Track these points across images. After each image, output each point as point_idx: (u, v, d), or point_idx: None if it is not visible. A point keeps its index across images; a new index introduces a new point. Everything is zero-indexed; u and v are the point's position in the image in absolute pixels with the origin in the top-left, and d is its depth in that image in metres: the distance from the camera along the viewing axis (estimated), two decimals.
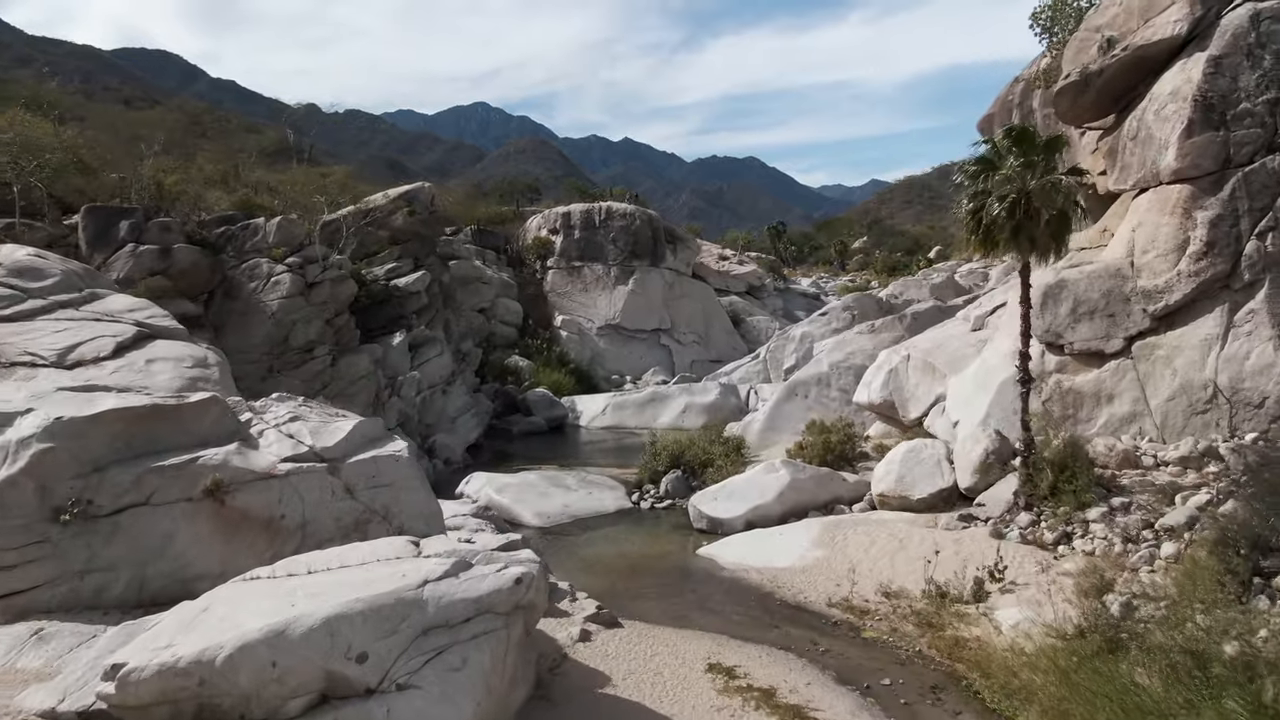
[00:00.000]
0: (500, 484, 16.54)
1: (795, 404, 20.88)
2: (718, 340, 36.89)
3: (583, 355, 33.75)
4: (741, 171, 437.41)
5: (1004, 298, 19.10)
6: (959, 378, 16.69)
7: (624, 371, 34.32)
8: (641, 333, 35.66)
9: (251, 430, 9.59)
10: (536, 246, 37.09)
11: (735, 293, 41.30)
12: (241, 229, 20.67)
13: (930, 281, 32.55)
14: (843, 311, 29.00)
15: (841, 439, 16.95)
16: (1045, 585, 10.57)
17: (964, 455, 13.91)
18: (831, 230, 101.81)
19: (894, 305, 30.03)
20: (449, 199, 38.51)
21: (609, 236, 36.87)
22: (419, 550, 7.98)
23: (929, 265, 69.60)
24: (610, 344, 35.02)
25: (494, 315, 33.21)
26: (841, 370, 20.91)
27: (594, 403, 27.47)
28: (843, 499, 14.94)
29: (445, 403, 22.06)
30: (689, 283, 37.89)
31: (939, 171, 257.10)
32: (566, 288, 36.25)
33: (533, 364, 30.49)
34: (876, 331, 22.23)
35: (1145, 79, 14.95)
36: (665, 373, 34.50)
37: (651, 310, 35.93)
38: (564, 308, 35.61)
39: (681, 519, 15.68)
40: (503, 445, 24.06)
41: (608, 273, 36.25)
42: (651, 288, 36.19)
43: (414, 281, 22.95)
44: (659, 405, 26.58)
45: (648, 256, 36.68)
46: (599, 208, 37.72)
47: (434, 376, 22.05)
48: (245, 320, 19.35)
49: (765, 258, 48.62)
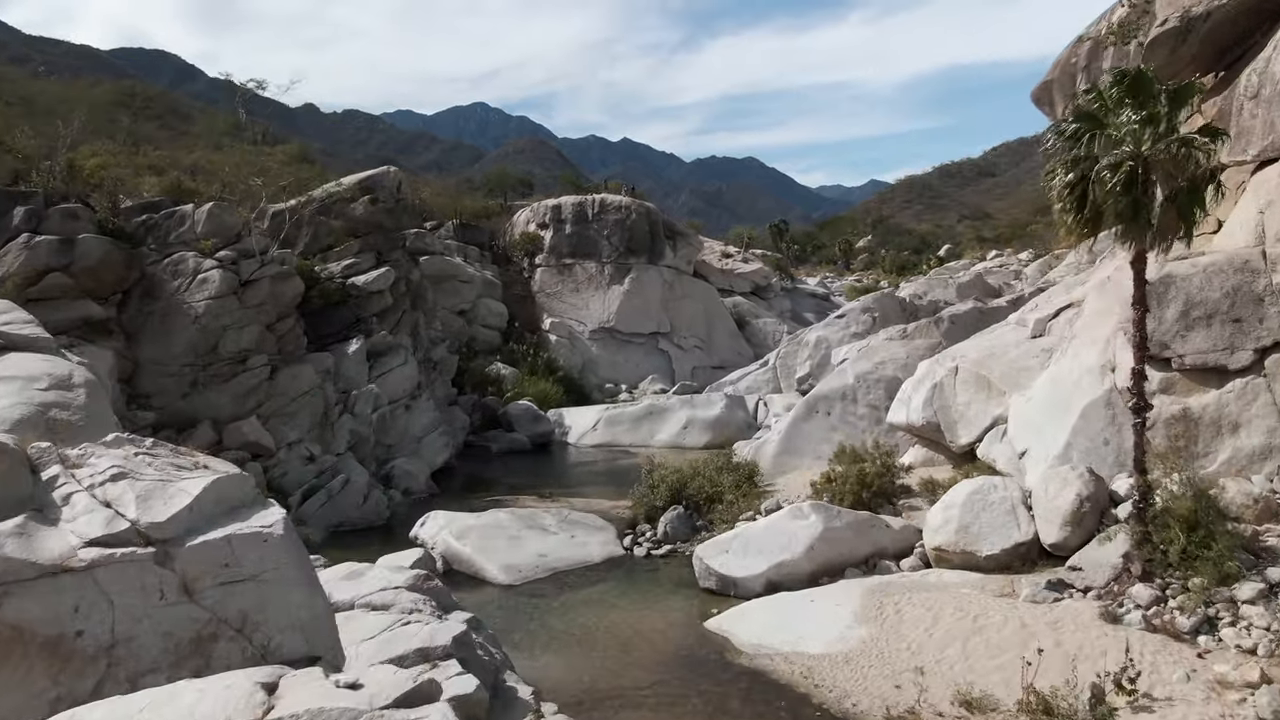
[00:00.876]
0: (462, 527, 13.48)
1: (816, 423, 17.84)
2: (721, 345, 33.84)
3: (573, 362, 30.69)
4: (740, 172, 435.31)
5: (1067, 297, 16.07)
6: (1023, 396, 13.65)
7: (619, 380, 31.27)
8: (638, 337, 32.62)
9: (56, 493, 6.55)
10: (524, 242, 34.04)
11: (739, 293, 38.27)
12: (166, 218, 17.61)
13: (956, 280, 29.55)
14: (862, 314, 26.00)
15: (879, 471, 13.89)
16: (1199, 702, 7.54)
17: (1047, 500, 10.87)
18: (834, 229, 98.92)
19: (918, 307, 27.03)
20: (428, 191, 35.43)
21: (603, 231, 33.81)
22: (269, 702, 4.98)
23: (939, 264, 66.56)
24: (604, 349, 31.97)
25: (475, 318, 30.15)
26: (870, 383, 17.86)
27: (584, 417, 24.40)
28: (887, 551, 11.90)
29: (409, 420, 19.00)
30: (690, 282, 34.84)
31: (939, 171, 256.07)
32: (556, 287, 33.20)
33: (517, 372, 27.43)
34: (909, 338, 19.20)
35: (1264, 24, 11.95)
36: (664, 381, 31.46)
37: (649, 312, 32.87)
38: (553, 309, 32.56)
39: (684, 572, 12.64)
40: (478, 468, 21.00)
41: (601, 271, 33.20)
42: (649, 287, 33.14)
43: (375, 279, 19.90)
44: (657, 420, 23.53)
45: (645, 253, 33.62)
46: (592, 200, 34.67)
47: (396, 389, 18.99)
48: (166, 325, 16.28)
49: (772, 256, 45.58)
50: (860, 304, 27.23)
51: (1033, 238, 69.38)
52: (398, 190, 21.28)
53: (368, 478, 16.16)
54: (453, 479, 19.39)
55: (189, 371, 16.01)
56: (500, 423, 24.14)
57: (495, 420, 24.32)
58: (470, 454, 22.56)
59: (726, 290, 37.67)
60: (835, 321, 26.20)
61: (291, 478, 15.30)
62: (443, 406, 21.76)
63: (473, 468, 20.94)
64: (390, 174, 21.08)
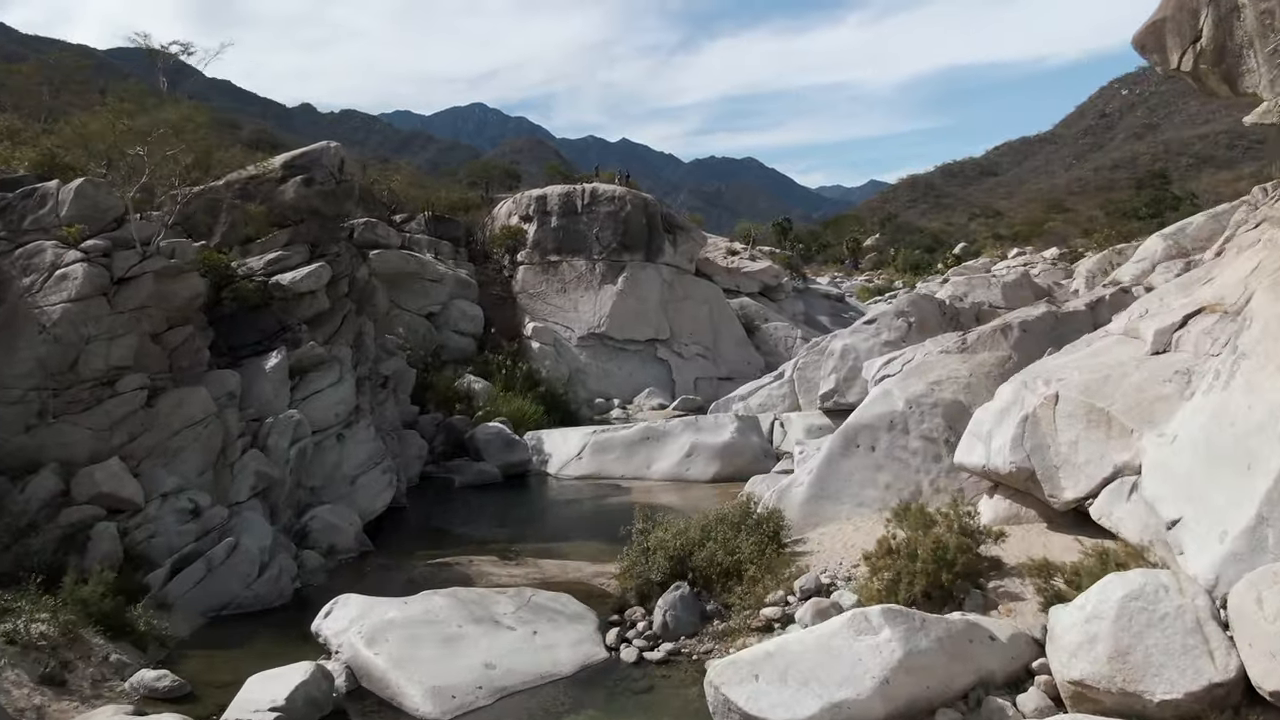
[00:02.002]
0: (378, 623, 9.57)
1: (856, 460, 13.95)
2: (728, 352, 29.97)
3: (558, 373, 26.79)
4: (740, 172, 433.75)
5: (1189, 299, 12.21)
6: (1164, 438, 9.78)
7: (611, 393, 27.40)
8: (633, 344, 28.74)
9: None
10: (504, 237, 30.16)
11: (747, 294, 34.41)
12: (23, 198, 13.72)
13: (1001, 280, 25.65)
14: (895, 319, 22.12)
15: (960, 541, 9.99)
16: None
17: (1259, 618, 7.01)
18: (839, 228, 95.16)
19: (960, 310, 23.16)
20: (399, 180, 31.51)
21: (593, 225, 29.93)
22: None
23: (956, 262, 62.69)
24: (594, 358, 28.09)
25: (445, 322, 26.28)
26: (924, 410, 13.97)
27: (567, 442, 20.50)
28: (994, 678, 8.03)
29: (341, 454, 15.09)
30: (692, 282, 30.97)
31: (942, 170, 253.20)
32: (540, 287, 29.30)
33: (490, 386, 23.53)
34: (969, 350, 15.30)
35: None
36: (663, 394, 27.60)
37: (646, 315, 29.00)
38: (537, 312, 28.68)
39: (691, 694, 8.79)
40: (433, 509, 17.12)
41: (592, 269, 29.31)
42: (646, 288, 29.27)
43: (305, 278, 16.00)
44: (654, 446, 19.65)
45: (641, 249, 29.75)
46: (581, 190, 30.79)
47: (326, 415, 15.09)
48: (8, 336, 12.39)
49: (781, 253, 41.68)
50: (894, 307, 23.27)
51: (1052, 235, 65.59)
52: (339, 170, 17.40)
53: (272, 538, 12.24)
54: (398, 528, 15.48)
55: (35, 397, 12.11)
56: (467, 449, 20.26)
57: (462, 446, 20.44)
58: (428, 489, 18.70)
59: (732, 291, 33.83)
60: (864, 328, 22.31)
61: (161, 541, 11.39)
62: (392, 432, 17.87)
63: (427, 509, 17.04)
64: (330, 150, 17.20)
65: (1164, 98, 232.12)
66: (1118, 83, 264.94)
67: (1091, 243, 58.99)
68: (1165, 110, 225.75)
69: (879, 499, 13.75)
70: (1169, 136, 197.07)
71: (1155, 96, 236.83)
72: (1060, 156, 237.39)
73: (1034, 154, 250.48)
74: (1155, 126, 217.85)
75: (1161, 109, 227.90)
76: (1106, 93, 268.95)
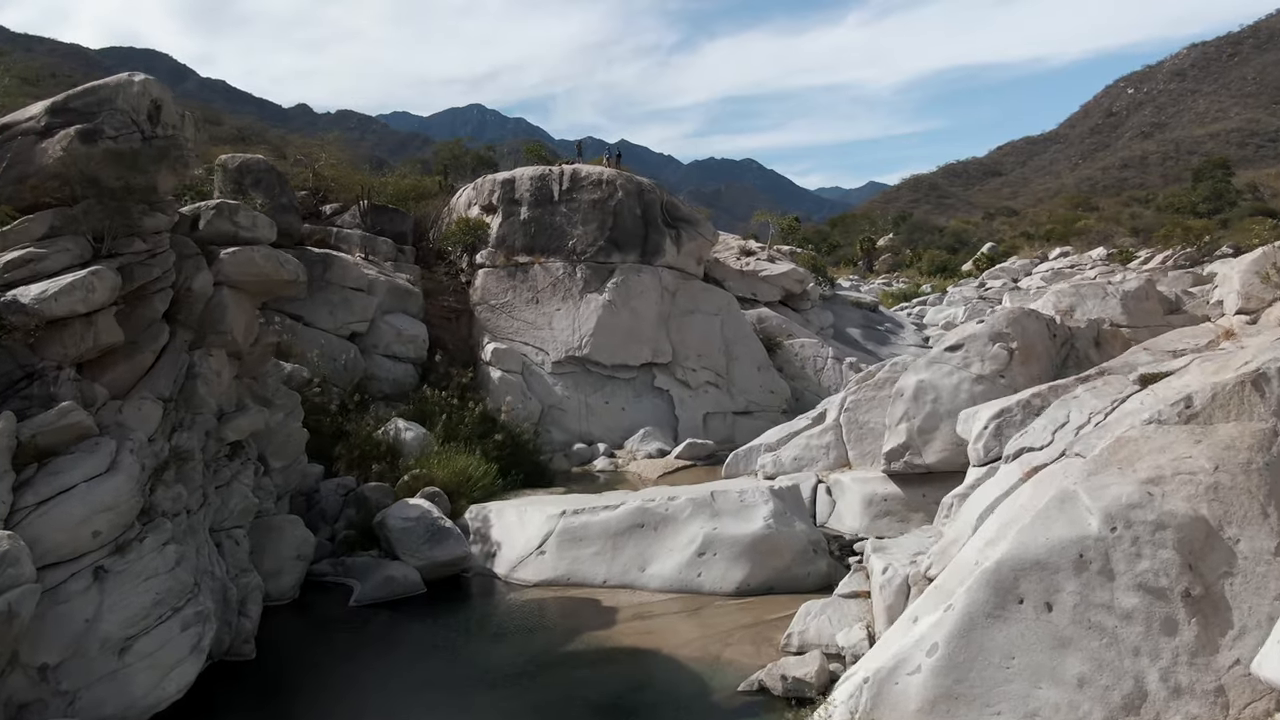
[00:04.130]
0: None
1: (1017, 629, 7.48)
2: (746, 379, 23.52)
3: (525, 410, 20.34)
4: (739, 173, 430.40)
5: None
6: None
7: (594, 436, 20.96)
8: (624, 370, 22.29)
9: None
10: (460, 233, 23.67)
11: (765, 303, 28.02)
12: None
13: (1120, 289, 19.11)
14: (990, 344, 15.68)
15: None
16: None
17: None
18: (847, 227, 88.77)
19: (1074, 332, 16.75)
20: (324, 159, 24.96)
21: (574, 217, 23.48)
22: None
23: (989, 264, 56.27)
24: (573, 389, 21.62)
25: (374, 344, 19.84)
26: (1141, 535, 7.49)
27: (525, 525, 13.95)
28: None
29: (101, 603, 8.58)
30: (701, 290, 24.53)
31: (945, 171, 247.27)
32: (505, 297, 22.82)
33: (426, 435, 17.06)
34: (1202, 419, 8.85)
35: None
36: (663, 436, 21.17)
37: (641, 333, 22.56)
38: (499, 329, 22.21)
39: None
40: (283, 667, 10.62)
41: (571, 274, 22.87)
42: (641, 297, 22.84)
43: (64, 293, 9.50)
44: (651, 538, 13.16)
45: (635, 248, 23.35)
46: (559, 173, 24.29)
47: (71, 537, 8.57)
48: None
49: (804, 253, 35.17)
50: (987, 329, 16.62)
51: (1092, 233, 59.27)
52: (151, 120, 10.92)
53: None
54: None
55: None
56: (376, 538, 13.79)
57: (371, 533, 13.97)
58: (312, 606, 12.26)
59: (748, 300, 27.44)
60: (945, 357, 15.80)
61: None
62: (239, 529, 11.37)
63: (273, 666, 10.51)
64: (132, 87, 10.66)
65: (1171, 96, 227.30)
66: (1123, 81, 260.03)
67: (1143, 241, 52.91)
68: (1174, 109, 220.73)
69: (1067, 708, 7.41)
70: (1179, 135, 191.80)
71: (1163, 95, 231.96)
72: (1066, 156, 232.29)
73: (1038, 154, 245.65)
74: (1163, 125, 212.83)
75: (1170, 107, 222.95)
76: (1112, 91, 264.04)
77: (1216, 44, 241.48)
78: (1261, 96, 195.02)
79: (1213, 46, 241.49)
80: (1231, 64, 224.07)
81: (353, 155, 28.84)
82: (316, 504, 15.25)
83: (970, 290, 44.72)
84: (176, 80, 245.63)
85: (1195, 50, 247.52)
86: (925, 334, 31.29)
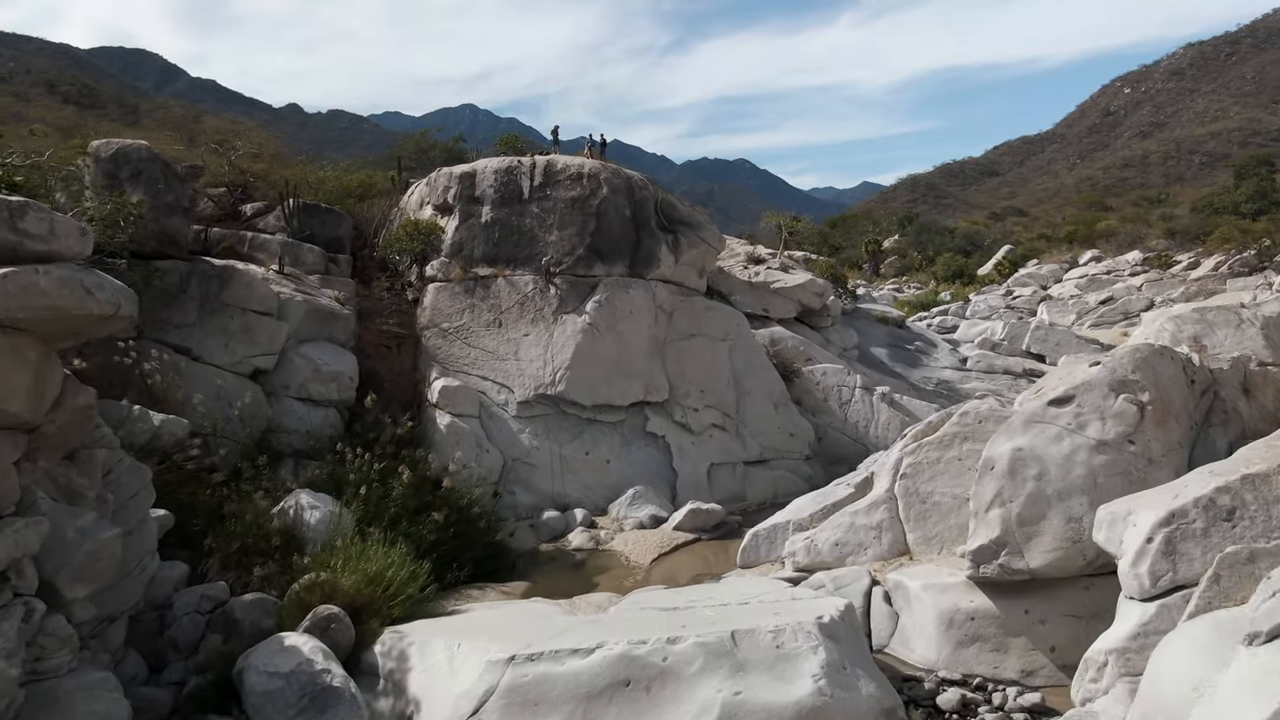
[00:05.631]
0: None
1: None
2: (760, 419, 19.03)
3: (481, 467, 15.81)
4: (732, 173, 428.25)
5: None
6: None
7: (570, 499, 16.44)
8: (609, 412, 17.76)
9: None
10: (406, 238, 19.12)
11: (778, 320, 23.58)
12: None
13: (1258, 315, 14.54)
14: (1109, 396, 11.22)
15: None
16: None
17: None
18: (847, 228, 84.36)
19: (1217, 375, 12.38)
20: (242, 149, 20.30)
21: (548, 219, 18.99)
22: None
23: (1011, 269, 51.85)
24: (544, 437, 17.07)
25: (285, 383, 15.30)
26: None
27: (455, 673, 9.43)
28: None
29: None
30: (704, 309, 20.02)
31: (941, 170, 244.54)
32: (461, 318, 18.28)
33: (341, 511, 12.50)
34: None
35: None
36: (658, 497, 16.67)
37: (631, 364, 18.04)
38: (452, 361, 17.67)
39: None
40: None
41: (544, 289, 18.37)
42: (631, 319, 18.35)
43: None
44: (641, 708, 8.74)
45: (623, 257, 18.87)
46: (529, 165, 19.75)
47: None
48: None
49: (823, 259, 30.68)
50: (1104, 374, 11.82)
51: (1121, 235, 55.01)
52: None
53: None
54: None
55: None
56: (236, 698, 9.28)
57: (230, 685, 9.46)
58: None
59: (759, 317, 22.98)
60: (1050, 415, 11.34)
61: None
62: None
63: None
64: None
65: (1170, 96, 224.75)
66: (1120, 81, 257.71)
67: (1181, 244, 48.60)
68: (1172, 108, 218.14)
69: None
70: (1179, 135, 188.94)
71: (1161, 94, 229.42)
72: (1064, 156, 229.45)
73: (1036, 153, 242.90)
74: (1162, 125, 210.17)
75: (1168, 106, 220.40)
76: (1109, 91, 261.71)
77: (1214, 43, 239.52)
78: (1261, 96, 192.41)
79: (1210, 46, 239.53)
80: (1230, 63, 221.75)
81: (283, 144, 24.18)
82: (170, 625, 10.74)
83: (996, 299, 40.38)
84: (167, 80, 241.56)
85: (1192, 50, 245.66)
86: (962, 355, 26.91)
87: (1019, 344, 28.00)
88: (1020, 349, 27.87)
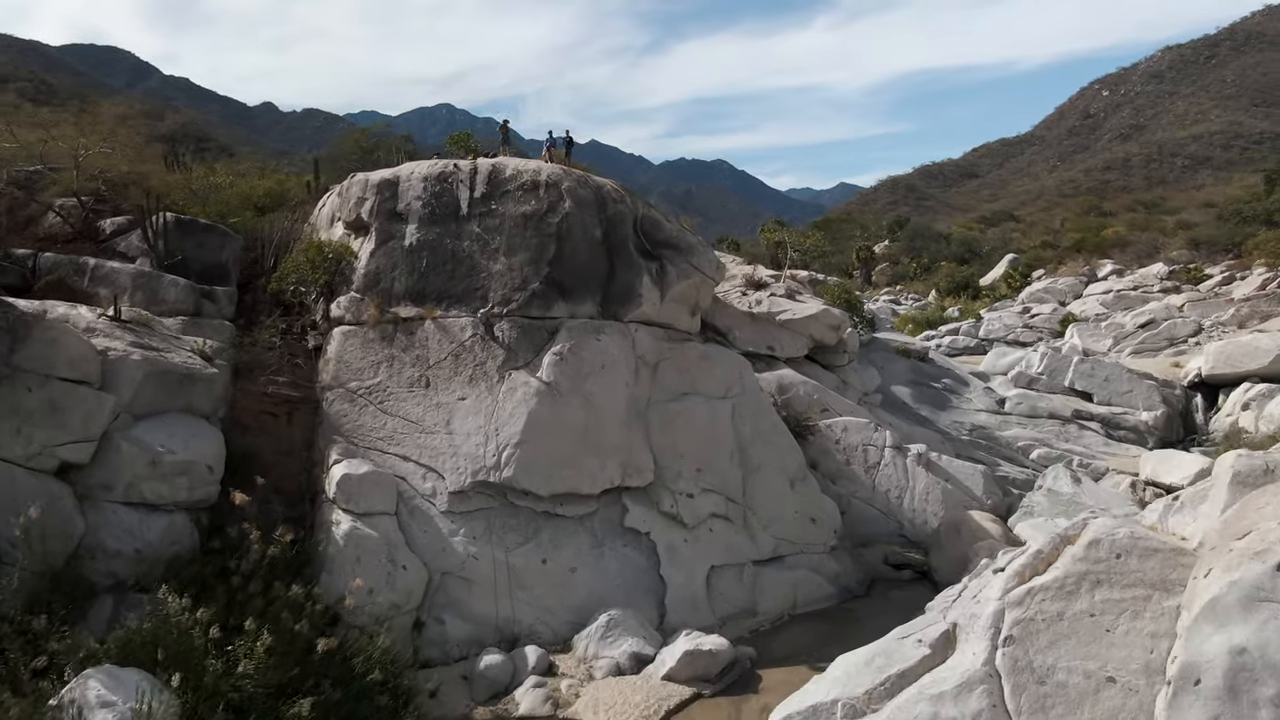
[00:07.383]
0: None
1: None
2: (773, 501, 14.54)
3: (395, 591, 11.29)
4: (710, 174, 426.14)
5: None
6: None
7: (520, 626, 11.92)
8: (574, 503, 13.19)
9: None
10: (306, 266, 14.47)
11: (785, 360, 19.19)
12: None
13: None
14: None
15: None
16: None
17: None
18: (833, 231, 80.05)
19: None
20: (92, 143, 15.58)
21: (494, 242, 14.44)
22: None
23: (1023, 282, 47.85)
24: (484, 541, 12.50)
25: (109, 483, 10.65)
26: None
27: None
28: None
29: None
30: (698, 358, 15.48)
31: (920, 172, 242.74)
32: (375, 375, 13.66)
33: (161, 696, 7.93)
34: None
35: None
36: (640, 622, 12.14)
37: (602, 437, 13.49)
38: (359, 435, 13.06)
39: None
40: None
41: (486, 337, 13.81)
42: (602, 376, 13.82)
43: None
44: None
45: (593, 293, 14.37)
46: (468, 171, 15.15)
47: None
48: None
49: (840, 283, 26.15)
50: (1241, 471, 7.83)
51: (1138, 245, 51.25)
52: None
53: None
54: None
55: None
56: None
57: None
58: None
59: (763, 357, 18.57)
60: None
61: None
62: None
63: None
64: None
65: (1149, 98, 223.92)
66: (1098, 83, 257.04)
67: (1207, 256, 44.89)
68: (1152, 111, 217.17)
69: None
70: (1160, 137, 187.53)
71: (1141, 97, 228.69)
72: (1044, 158, 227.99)
73: (1015, 155, 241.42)
74: (1143, 127, 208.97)
75: (1148, 109, 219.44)
76: (1087, 94, 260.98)
77: (1192, 46, 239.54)
78: (1241, 99, 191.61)
79: (1189, 49, 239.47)
80: (1209, 66, 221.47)
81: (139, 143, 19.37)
82: None
83: (1012, 316, 36.31)
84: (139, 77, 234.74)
85: (1170, 53, 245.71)
86: (998, 395, 22.69)
87: (1060, 378, 23.83)
88: (1062, 384, 23.69)
